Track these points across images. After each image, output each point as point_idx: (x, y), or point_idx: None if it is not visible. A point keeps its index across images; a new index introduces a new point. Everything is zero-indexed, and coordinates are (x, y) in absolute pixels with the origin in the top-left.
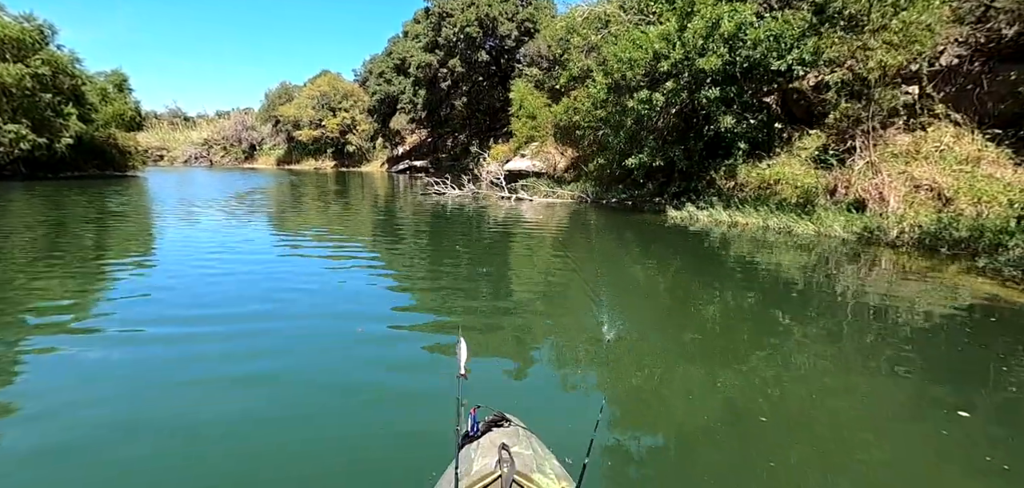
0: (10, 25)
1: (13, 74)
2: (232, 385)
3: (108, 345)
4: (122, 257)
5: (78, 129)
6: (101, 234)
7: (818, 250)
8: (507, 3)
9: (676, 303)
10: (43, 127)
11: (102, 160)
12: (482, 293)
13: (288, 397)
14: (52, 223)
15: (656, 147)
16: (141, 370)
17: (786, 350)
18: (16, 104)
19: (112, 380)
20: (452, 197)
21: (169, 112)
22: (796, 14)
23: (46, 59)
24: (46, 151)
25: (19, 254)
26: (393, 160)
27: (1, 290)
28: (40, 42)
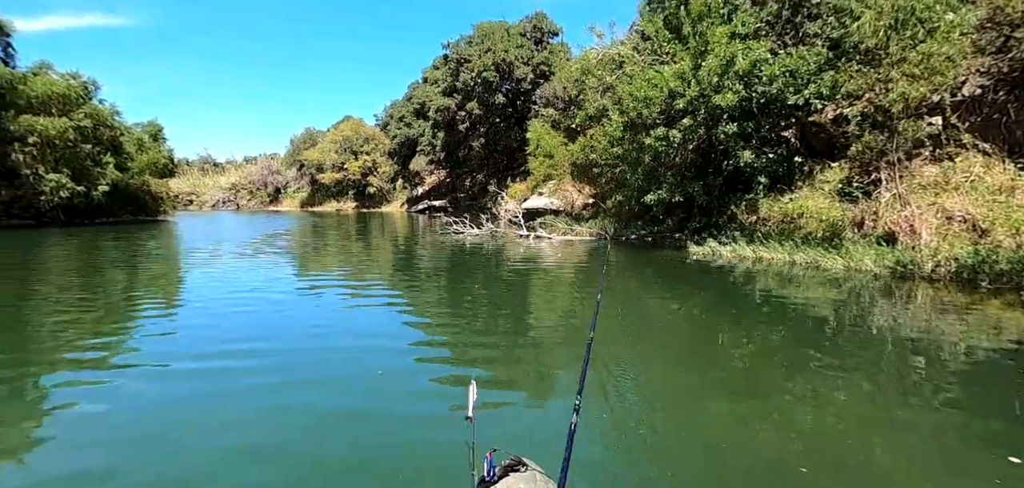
0: (57, 82)
1: (57, 127)
2: (249, 421)
3: (135, 381)
4: (151, 298)
5: (114, 177)
6: (132, 276)
7: (849, 285)
8: (523, 48)
9: (701, 341)
10: (82, 176)
11: (136, 206)
12: (500, 332)
13: (305, 433)
14: (86, 267)
15: (675, 183)
16: (168, 406)
17: (822, 391)
18: (58, 155)
19: (140, 416)
20: (470, 236)
21: (200, 158)
22: (811, 50)
23: (88, 112)
24: (84, 198)
25: (54, 296)
26: (412, 200)
27: (34, 331)
28: (84, 97)
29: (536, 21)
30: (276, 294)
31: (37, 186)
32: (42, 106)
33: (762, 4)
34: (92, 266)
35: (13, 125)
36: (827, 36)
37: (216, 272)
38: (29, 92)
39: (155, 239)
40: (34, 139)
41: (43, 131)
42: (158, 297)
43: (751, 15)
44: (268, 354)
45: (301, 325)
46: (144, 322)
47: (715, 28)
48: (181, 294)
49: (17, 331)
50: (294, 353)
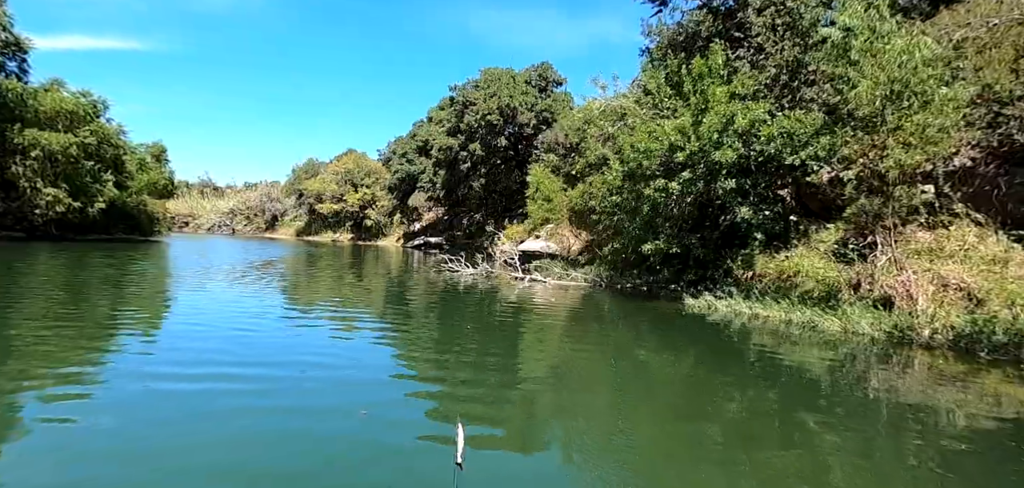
0: (67, 99)
1: (61, 143)
2: (216, 451)
3: (106, 401)
4: (134, 319)
5: (112, 195)
6: (117, 296)
7: (845, 348)
8: (527, 95)
9: (694, 396)
10: (80, 192)
11: (130, 225)
12: (489, 376)
13: (278, 469)
14: (72, 284)
15: (672, 234)
16: (135, 429)
17: (817, 460)
18: (59, 170)
19: (107, 436)
20: (465, 275)
21: (200, 182)
22: (808, 114)
23: (94, 130)
24: (79, 214)
25: (35, 312)
26: (409, 235)
27: (11, 347)
28: (92, 115)
29: (541, 70)
30: (263, 324)
31: (33, 200)
32: (49, 121)
33: (761, 68)
34: (79, 283)
35: (18, 138)
36: (824, 102)
37: (202, 297)
38: (38, 107)
39: (144, 260)
40: (37, 153)
41: (47, 145)
42: (139, 320)
43: (750, 78)
44: (238, 393)
45: (284, 357)
46: (123, 343)
47: (715, 87)
48: (162, 317)
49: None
50: (274, 382)
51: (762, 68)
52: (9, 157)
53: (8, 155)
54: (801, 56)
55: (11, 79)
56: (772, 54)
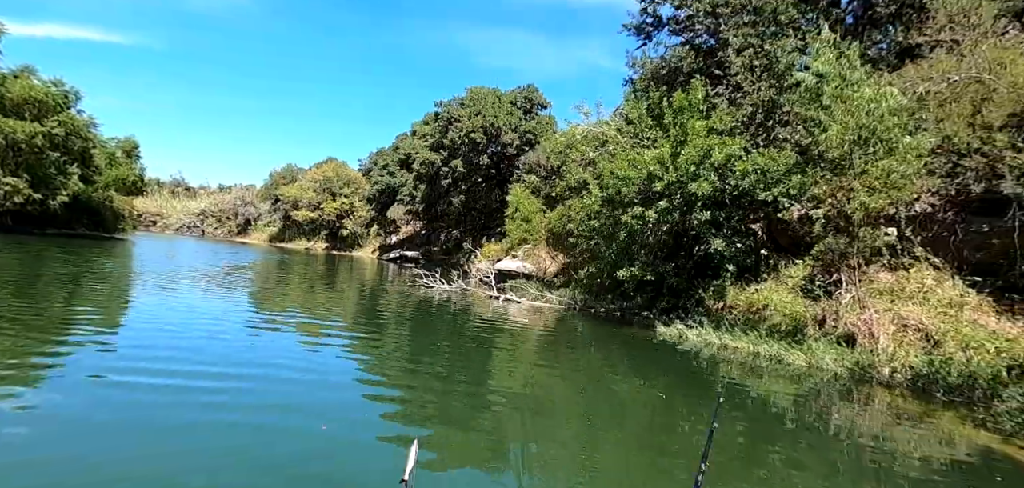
0: (37, 88)
1: (26, 131)
2: (170, 456)
3: (56, 399)
4: (88, 318)
5: (77, 189)
6: (73, 294)
7: (810, 383)
8: (512, 115)
9: (661, 429)
10: (42, 183)
11: (94, 220)
12: (457, 395)
13: (226, 473)
14: (25, 279)
15: (647, 262)
16: (83, 429)
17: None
18: (21, 159)
19: (54, 436)
20: (440, 291)
21: (172, 180)
22: (781, 152)
23: (63, 121)
24: (38, 206)
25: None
26: (385, 248)
27: None
28: (62, 105)
29: (527, 92)
30: (222, 329)
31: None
32: (16, 109)
33: (738, 106)
34: (32, 278)
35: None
36: (796, 142)
37: (161, 300)
38: (5, 93)
39: (106, 257)
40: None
41: (11, 134)
42: (93, 319)
43: (728, 114)
44: (199, 391)
45: (244, 369)
46: (76, 342)
47: (694, 121)
48: (120, 320)
49: None
50: (234, 392)
51: (739, 106)
52: None
53: None
54: (776, 97)
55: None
56: (749, 93)
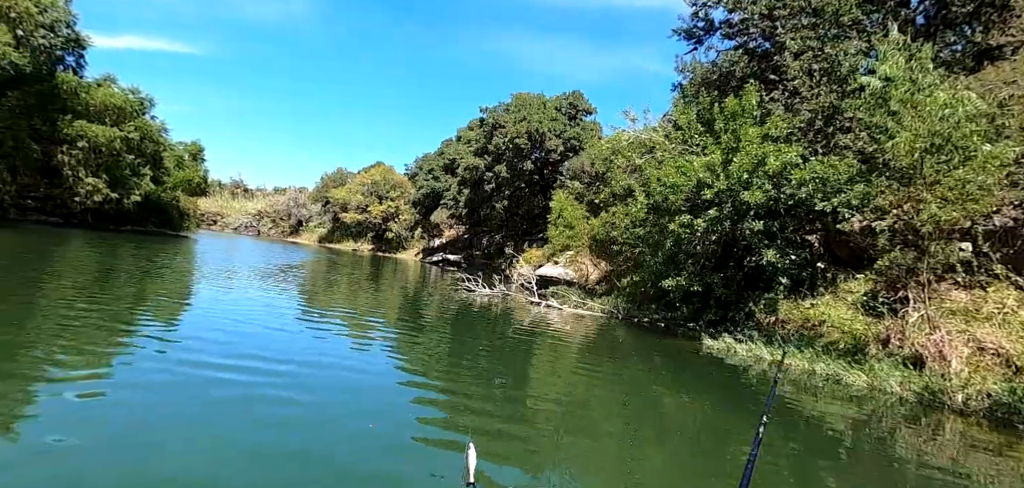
0: (116, 94)
1: (107, 136)
2: (225, 458)
3: (120, 389)
4: (158, 309)
5: (148, 189)
6: (143, 286)
7: (871, 405)
8: (556, 121)
9: (708, 444)
10: (118, 184)
11: (162, 219)
12: (498, 398)
13: (272, 476)
14: (103, 271)
15: (694, 271)
16: (141, 419)
17: None
18: (101, 161)
19: (113, 424)
20: (481, 295)
21: (232, 182)
22: (842, 160)
23: (138, 126)
24: (115, 205)
25: (65, 295)
26: (428, 251)
27: (36, 325)
28: (138, 111)
29: (572, 98)
30: (276, 328)
31: (74, 188)
32: (98, 115)
33: (795, 112)
34: (111, 271)
35: (67, 129)
36: (859, 149)
37: (222, 296)
38: (89, 100)
39: (175, 254)
40: (83, 144)
41: (93, 138)
42: (159, 313)
43: (784, 120)
44: (254, 386)
45: (297, 363)
46: (146, 332)
47: (747, 127)
48: (184, 312)
49: (21, 327)
50: (282, 388)
51: (796, 111)
52: (57, 146)
53: (56, 144)
54: (838, 102)
55: (67, 72)
56: (807, 98)
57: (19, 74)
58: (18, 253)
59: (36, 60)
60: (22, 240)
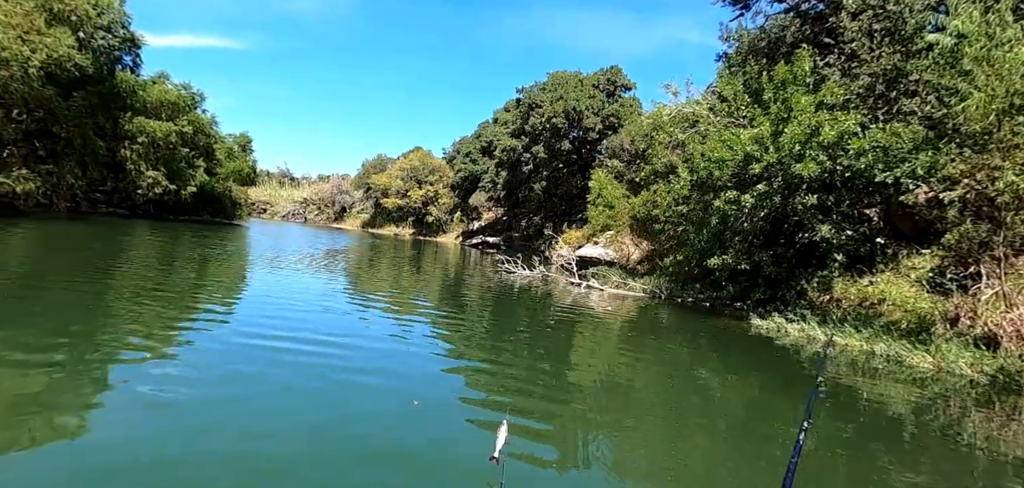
0: (170, 91)
1: (164, 130)
2: (275, 432)
3: (187, 370)
4: (217, 291)
5: (202, 180)
6: (203, 270)
7: (937, 388)
8: (594, 99)
9: (755, 423)
10: (176, 176)
11: (216, 208)
12: (539, 377)
13: (318, 448)
14: (167, 258)
15: (741, 249)
16: (202, 401)
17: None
18: (159, 155)
19: (179, 408)
20: (521, 277)
21: (279, 171)
22: (907, 127)
23: (191, 120)
24: (173, 196)
25: (135, 277)
26: (468, 234)
27: (111, 307)
28: (191, 106)
29: (610, 74)
30: (324, 309)
31: (137, 181)
32: (154, 110)
33: (853, 77)
34: (173, 258)
35: (128, 126)
36: (926, 114)
37: (274, 280)
38: (146, 97)
39: (229, 241)
40: (143, 139)
41: (152, 133)
42: (220, 293)
43: (840, 87)
44: (304, 366)
45: (345, 341)
46: (206, 312)
47: (799, 95)
48: (241, 294)
49: (94, 310)
50: (329, 366)
51: (854, 76)
52: (120, 142)
53: (120, 140)
54: (901, 64)
55: (125, 71)
56: (867, 61)
57: (83, 75)
58: (94, 242)
59: (97, 61)
60: (95, 231)
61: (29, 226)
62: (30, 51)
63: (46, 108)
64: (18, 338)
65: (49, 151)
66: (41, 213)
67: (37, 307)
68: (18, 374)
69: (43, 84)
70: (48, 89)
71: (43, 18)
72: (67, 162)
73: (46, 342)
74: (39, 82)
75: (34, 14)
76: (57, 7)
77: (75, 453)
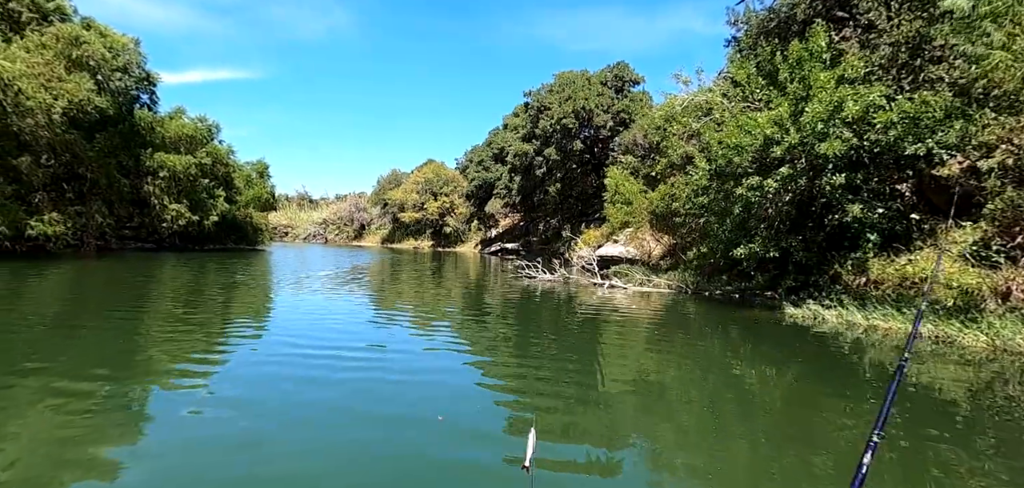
0: (187, 125)
1: (183, 164)
2: (305, 451)
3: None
4: (245, 316)
5: (223, 209)
6: (230, 296)
7: (993, 367)
8: (603, 96)
9: (799, 421)
10: (197, 207)
11: (239, 235)
12: (568, 385)
13: (352, 465)
14: (195, 288)
15: (768, 236)
16: (230, 427)
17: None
18: (181, 187)
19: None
20: (542, 281)
21: (297, 195)
22: (936, 95)
23: (209, 151)
24: (197, 227)
25: (165, 314)
26: (486, 242)
27: (145, 338)
28: (207, 137)
29: (618, 70)
30: (349, 326)
31: (161, 215)
32: (173, 145)
33: (873, 48)
34: (199, 287)
35: (149, 162)
36: (954, 80)
37: (299, 301)
38: (165, 133)
39: (253, 266)
40: (164, 173)
41: (172, 167)
42: (248, 318)
43: (860, 59)
44: (333, 383)
45: (368, 356)
46: (237, 336)
47: (817, 72)
48: (265, 321)
49: (128, 345)
50: (357, 383)
51: (874, 47)
52: (143, 178)
53: (142, 177)
54: (924, 29)
55: (143, 109)
56: (886, 31)
57: (103, 116)
58: (124, 278)
59: (116, 102)
60: (127, 265)
61: (61, 267)
62: (53, 98)
63: (71, 151)
64: (54, 377)
65: (77, 193)
66: (72, 254)
67: (73, 346)
68: (54, 413)
69: (67, 129)
70: (72, 133)
71: (63, 65)
72: (94, 202)
73: (82, 380)
74: (63, 127)
75: (55, 62)
76: (75, 53)
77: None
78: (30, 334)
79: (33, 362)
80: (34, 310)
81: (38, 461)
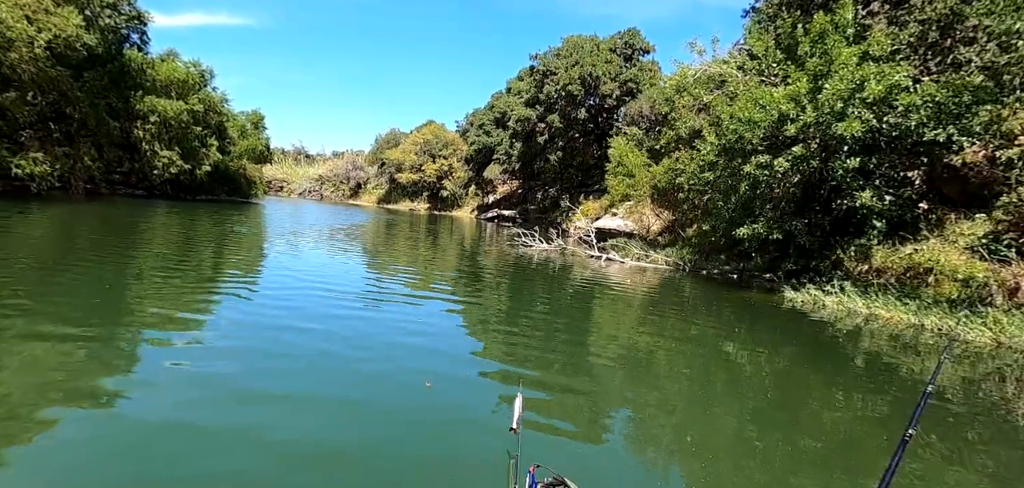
0: (179, 69)
1: (175, 109)
2: (292, 411)
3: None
4: (235, 270)
5: (216, 159)
6: (221, 252)
7: (995, 363)
8: (611, 64)
9: (787, 402)
10: (190, 155)
11: (231, 187)
12: (557, 351)
13: (339, 423)
14: (186, 239)
15: (773, 218)
16: (215, 378)
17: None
18: (172, 134)
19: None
20: (538, 250)
21: (294, 149)
22: (965, 79)
23: (202, 98)
24: (189, 176)
25: (155, 260)
26: (483, 207)
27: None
28: (200, 84)
29: (628, 37)
30: (342, 285)
31: (152, 161)
32: (164, 89)
33: (902, 24)
34: (191, 238)
35: (139, 105)
36: (986, 63)
37: (292, 257)
38: (155, 76)
39: (245, 219)
40: (155, 118)
41: (163, 112)
42: (238, 271)
43: (887, 36)
44: (321, 350)
45: (359, 318)
46: (227, 290)
47: (840, 47)
48: (257, 274)
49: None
50: (346, 344)
51: (903, 24)
52: (132, 122)
53: (132, 120)
54: (958, 8)
55: (133, 50)
56: (917, 7)
57: (92, 55)
58: (116, 223)
59: (104, 40)
60: (117, 212)
61: (48, 210)
62: (36, 30)
63: (58, 89)
64: (49, 313)
65: (64, 133)
66: (59, 196)
67: (64, 282)
68: (50, 346)
69: (52, 64)
70: (58, 69)
71: None
72: (83, 144)
73: (77, 316)
74: (47, 62)
75: None
76: None
77: (111, 419)
78: (11, 271)
79: (19, 299)
80: (21, 251)
81: (23, 389)
